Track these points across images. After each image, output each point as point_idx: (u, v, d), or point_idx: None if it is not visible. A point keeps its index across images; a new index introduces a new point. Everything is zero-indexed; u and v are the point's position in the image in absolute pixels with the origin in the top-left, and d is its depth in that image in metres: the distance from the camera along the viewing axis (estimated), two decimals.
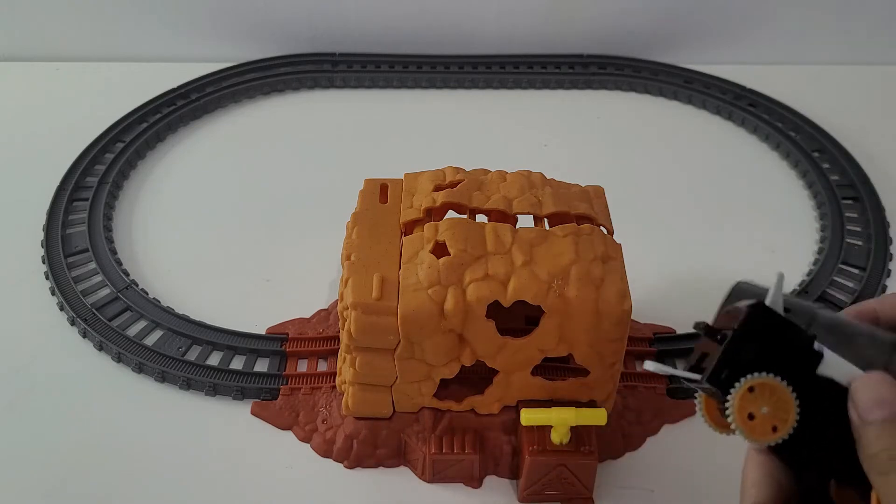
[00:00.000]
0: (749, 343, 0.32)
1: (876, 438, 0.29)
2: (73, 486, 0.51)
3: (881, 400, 0.30)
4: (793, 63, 0.92)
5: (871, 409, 0.30)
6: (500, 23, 0.90)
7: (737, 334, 0.31)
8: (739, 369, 0.31)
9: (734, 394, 0.31)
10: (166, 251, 0.68)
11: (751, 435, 0.31)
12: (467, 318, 0.44)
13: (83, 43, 0.91)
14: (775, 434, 0.31)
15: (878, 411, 0.30)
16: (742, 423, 0.31)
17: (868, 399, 0.30)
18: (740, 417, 0.31)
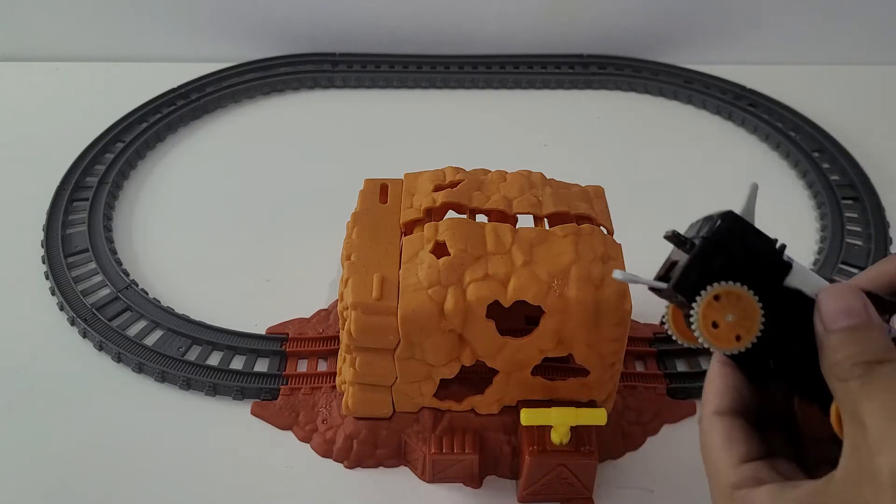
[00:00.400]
0: (718, 251, 0.31)
1: (839, 345, 0.29)
2: (73, 486, 0.51)
3: (847, 308, 0.30)
4: (793, 63, 0.92)
5: (836, 317, 0.30)
6: (500, 23, 0.90)
7: (706, 241, 0.32)
8: (707, 277, 0.31)
9: (699, 301, 0.31)
10: (166, 251, 0.68)
11: (714, 342, 0.31)
12: (467, 318, 0.44)
13: (83, 43, 0.91)
14: (738, 343, 0.31)
15: (844, 319, 0.30)
16: (705, 331, 0.31)
17: (834, 308, 0.30)
18: (704, 325, 0.31)
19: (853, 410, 0.28)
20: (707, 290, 0.31)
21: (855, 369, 0.29)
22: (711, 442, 0.32)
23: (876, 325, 0.30)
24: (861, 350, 0.29)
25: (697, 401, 0.56)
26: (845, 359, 0.29)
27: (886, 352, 0.29)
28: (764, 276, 0.31)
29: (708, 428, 0.32)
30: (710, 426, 0.32)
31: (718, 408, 0.32)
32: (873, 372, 0.28)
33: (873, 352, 0.29)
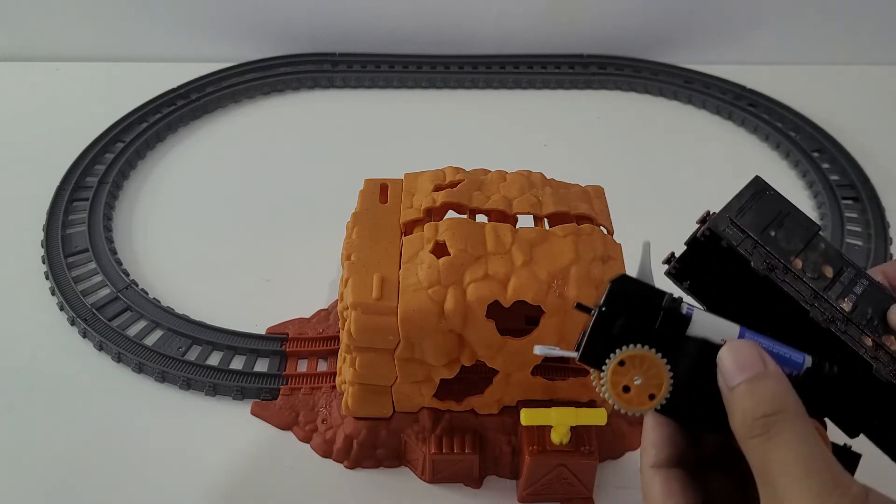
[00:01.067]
0: (613, 317, 0.32)
1: (739, 401, 0.29)
2: (73, 486, 0.51)
3: (743, 364, 0.30)
4: (793, 63, 0.92)
5: (734, 374, 0.30)
6: (500, 23, 0.90)
7: (601, 310, 0.32)
8: (610, 343, 0.32)
9: (605, 370, 0.32)
10: (166, 251, 0.68)
11: (628, 406, 0.32)
12: (467, 318, 0.44)
13: (83, 43, 0.91)
14: (652, 402, 0.32)
15: (739, 374, 0.29)
16: (617, 397, 0.32)
17: (731, 365, 0.30)
18: (615, 392, 0.32)
19: (759, 468, 0.28)
20: (610, 358, 0.32)
21: (755, 426, 0.28)
22: (652, 496, 0.32)
23: (772, 373, 0.29)
24: (756, 404, 0.29)
25: None
26: (743, 415, 0.29)
27: (781, 401, 0.29)
28: (664, 332, 0.32)
29: (648, 481, 0.33)
30: (649, 480, 0.33)
31: (655, 461, 0.33)
32: (772, 427, 0.28)
33: (768, 403, 0.29)
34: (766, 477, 0.28)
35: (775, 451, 0.28)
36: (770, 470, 0.28)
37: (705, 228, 0.32)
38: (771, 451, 0.28)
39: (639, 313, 0.32)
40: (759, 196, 0.34)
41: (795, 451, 0.28)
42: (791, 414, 0.28)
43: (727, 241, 0.32)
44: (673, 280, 0.34)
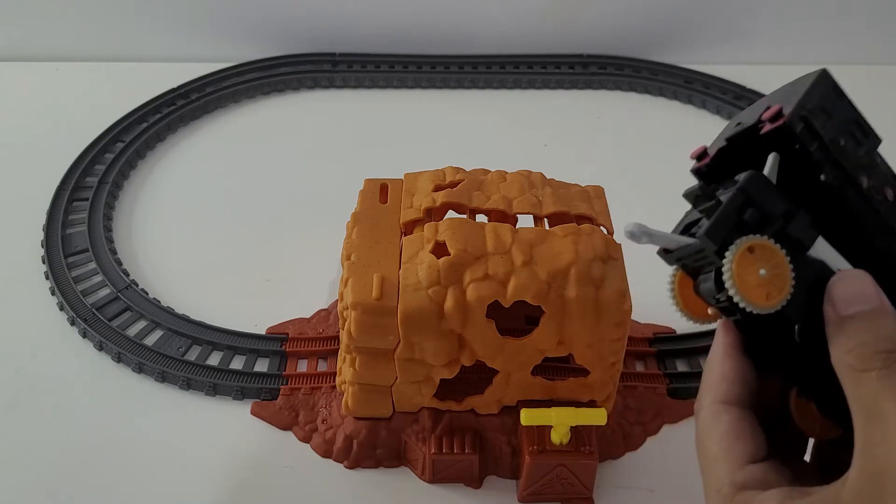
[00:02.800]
0: (749, 203, 0.29)
1: (853, 333, 0.27)
2: (73, 486, 0.51)
3: (860, 293, 0.28)
4: (793, 63, 0.91)
5: (850, 302, 0.28)
6: (500, 23, 0.90)
7: (740, 191, 0.29)
8: (739, 228, 0.29)
9: (735, 250, 0.28)
10: (166, 251, 0.68)
11: (748, 297, 0.28)
12: (467, 319, 0.44)
13: (83, 43, 0.91)
14: (770, 301, 0.28)
15: (857, 304, 0.27)
16: (740, 283, 0.28)
17: (846, 292, 0.28)
18: (739, 277, 0.28)
19: (870, 404, 0.26)
20: (741, 241, 0.28)
21: (874, 359, 0.26)
22: (714, 435, 0.29)
23: (890, 310, 0.27)
24: (878, 338, 0.27)
25: None
26: (860, 347, 0.27)
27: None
28: (791, 238, 0.29)
29: (712, 419, 0.30)
30: (714, 417, 0.29)
31: (726, 396, 0.30)
32: (894, 363, 0.26)
33: (891, 338, 0.26)
34: (878, 413, 0.26)
35: (892, 389, 0.26)
36: (884, 406, 0.26)
37: (782, 124, 0.28)
38: (889, 386, 0.26)
39: (773, 208, 0.29)
40: (828, 95, 0.30)
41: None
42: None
43: (802, 143, 0.28)
44: (699, 178, 0.31)
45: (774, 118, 0.29)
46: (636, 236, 0.30)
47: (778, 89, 0.32)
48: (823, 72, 0.31)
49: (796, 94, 0.30)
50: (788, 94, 0.30)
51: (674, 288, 0.32)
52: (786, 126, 0.28)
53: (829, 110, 0.30)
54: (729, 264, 0.28)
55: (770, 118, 0.29)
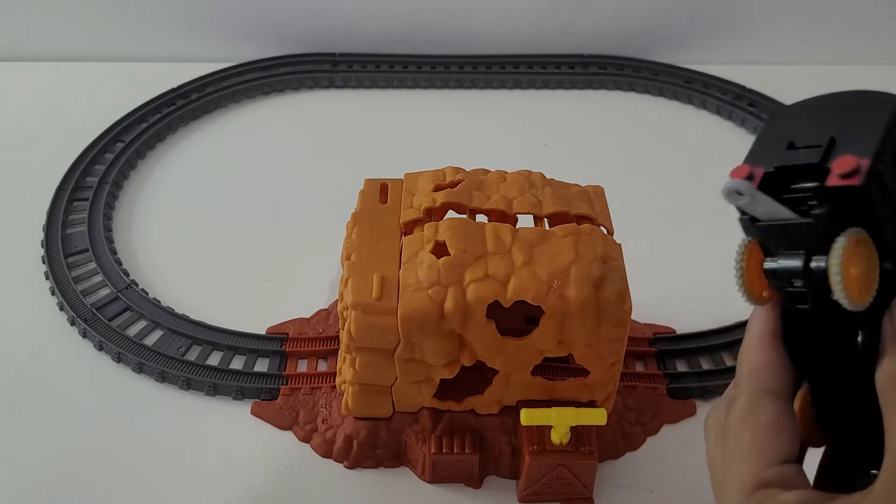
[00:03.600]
0: (868, 199, 0.27)
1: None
2: (73, 486, 0.51)
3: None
4: (793, 63, 0.92)
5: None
6: (500, 23, 0.90)
7: (876, 169, 0.26)
8: (851, 219, 0.27)
9: (845, 241, 0.26)
10: (166, 251, 0.68)
11: (848, 290, 0.26)
12: (467, 319, 0.44)
13: (83, 43, 0.91)
14: (862, 298, 0.27)
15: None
16: (846, 273, 0.26)
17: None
18: (846, 267, 0.26)
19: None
20: (852, 232, 0.27)
21: None
22: (753, 425, 0.28)
23: None
24: None
25: (697, 401, 0.56)
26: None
27: None
28: (881, 244, 0.27)
29: (753, 408, 0.28)
30: (756, 407, 0.28)
31: (770, 385, 0.28)
32: None
33: None
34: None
35: None
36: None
37: (856, 186, 0.26)
38: None
39: (879, 211, 0.27)
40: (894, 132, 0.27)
41: None
42: None
43: (872, 204, 0.27)
44: (744, 224, 0.29)
45: (848, 175, 0.27)
46: (740, 195, 0.28)
47: (823, 99, 0.30)
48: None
49: (864, 132, 0.27)
50: (848, 123, 0.28)
51: (742, 259, 0.29)
52: (860, 189, 0.26)
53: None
54: (839, 252, 0.26)
55: (843, 174, 0.27)
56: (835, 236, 0.27)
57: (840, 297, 0.27)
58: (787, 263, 0.28)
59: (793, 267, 0.28)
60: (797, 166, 0.28)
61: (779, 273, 0.29)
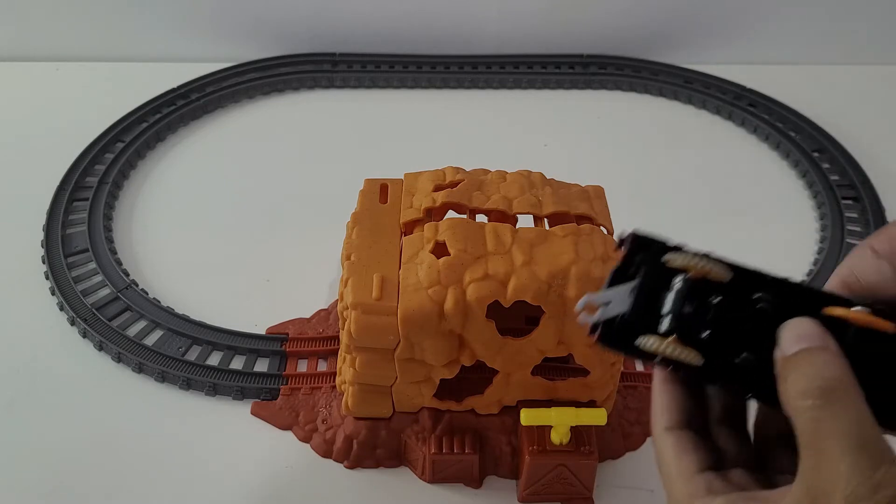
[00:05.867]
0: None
1: (794, 370, 0.29)
2: (73, 486, 0.51)
3: (805, 334, 0.30)
4: (793, 63, 0.92)
5: (792, 342, 0.30)
6: (500, 23, 0.90)
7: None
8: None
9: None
10: (166, 251, 0.68)
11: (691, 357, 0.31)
12: (467, 319, 0.44)
13: (83, 43, 0.91)
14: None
15: (800, 344, 0.30)
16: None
17: (791, 335, 0.30)
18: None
19: (811, 435, 0.28)
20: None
21: (812, 393, 0.28)
22: (664, 457, 0.33)
23: (832, 348, 0.30)
24: (815, 373, 0.29)
25: None
26: (799, 382, 0.29)
27: (840, 373, 0.29)
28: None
29: (660, 444, 0.33)
30: (661, 442, 0.33)
31: (668, 423, 0.33)
32: (829, 396, 0.28)
33: (828, 372, 0.29)
34: (815, 445, 0.28)
35: (830, 421, 0.28)
36: (820, 438, 0.28)
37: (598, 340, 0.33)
38: (825, 420, 0.28)
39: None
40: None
41: (849, 423, 0.28)
42: (849, 386, 0.29)
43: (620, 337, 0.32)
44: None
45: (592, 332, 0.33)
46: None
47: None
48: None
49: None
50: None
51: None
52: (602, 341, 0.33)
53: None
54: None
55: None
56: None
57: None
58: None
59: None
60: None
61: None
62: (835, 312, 0.32)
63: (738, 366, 0.31)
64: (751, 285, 0.32)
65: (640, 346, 0.31)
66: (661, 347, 0.31)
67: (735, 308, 0.32)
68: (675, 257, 0.32)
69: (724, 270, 0.32)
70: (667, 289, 0.32)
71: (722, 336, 0.31)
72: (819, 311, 0.32)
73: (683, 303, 0.32)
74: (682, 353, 0.31)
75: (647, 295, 0.32)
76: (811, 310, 0.32)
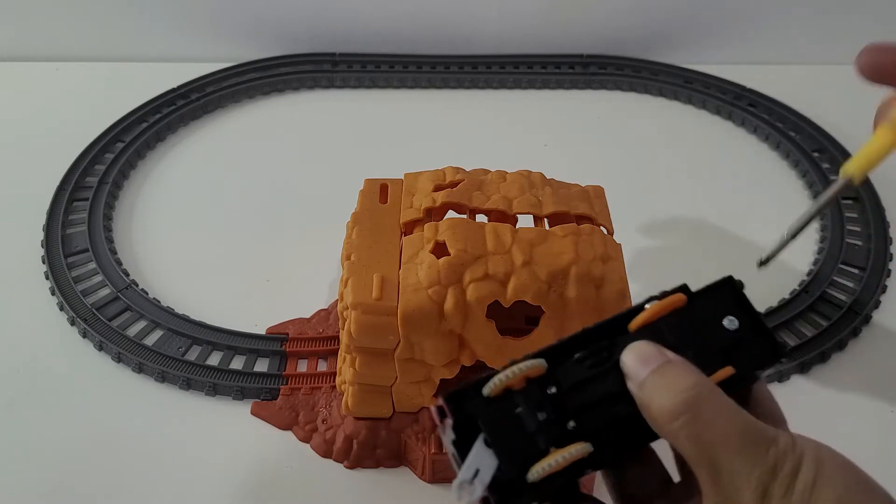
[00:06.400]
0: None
1: (655, 391, 0.29)
2: (72, 486, 0.51)
3: (642, 357, 0.30)
4: (793, 63, 0.92)
5: (638, 369, 0.30)
6: (500, 23, 0.90)
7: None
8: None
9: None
10: (166, 251, 0.68)
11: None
12: (467, 319, 0.44)
13: (83, 43, 0.91)
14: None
15: (644, 368, 0.30)
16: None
17: (631, 361, 0.30)
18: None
19: (695, 450, 0.28)
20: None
21: (678, 408, 0.28)
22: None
23: (675, 359, 0.30)
24: (672, 387, 0.29)
25: None
26: (662, 401, 0.29)
27: (695, 379, 0.29)
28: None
29: None
30: None
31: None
32: (695, 403, 0.28)
33: (683, 384, 0.28)
34: (704, 459, 0.27)
35: (707, 431, 0.28)
36: (706, 450, 0.27)
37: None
38: (701, 431, 0.28)
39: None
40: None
41: (725, 423, 0.27)
42: (705, 385, 0.29)
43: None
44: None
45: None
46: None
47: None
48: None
49: None
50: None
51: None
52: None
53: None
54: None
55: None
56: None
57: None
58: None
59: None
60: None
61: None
62: (637, 322, 0.32)
63: (615, 426, 0.31)
64: (566, 354, 0.31)
65: (535, 479, 0.29)
66: (552, 462, 0.29)
67: (571, 383, 0.31)
68: (491, 386, 0.30)
69: (537, 363, 0.31)
70: (511, 417, 0.30)
71: (585, 413, 0.30)
72: (626, 331, 0.32)
73: (534, 414, 0.30)
74: (572, 452, 0.29)
75: (500, 435, 0.30)
76: (622, 335, 0.31)
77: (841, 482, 0.26)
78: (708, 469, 0.27)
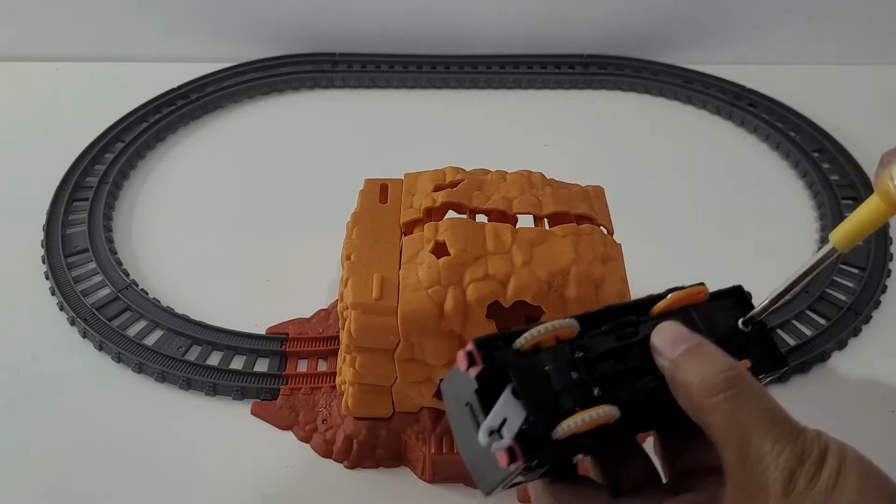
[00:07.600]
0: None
1: (689, 369, 0.30)
2: (72, 486, 0.51)
3: (678, 336, 0.31)
4: (793, 63, 0.92)
5: (672, 346, 0.30)
6: (500, 23, 0.90)
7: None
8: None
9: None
10: (166, 251, 0.68)
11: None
12: (467, 319, 0.44)
13: (83, 43, 0.91)
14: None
15: (679, 345, 0.30)
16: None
17: (663, 340, 0.31)
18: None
19: (728, 427, 0.28)
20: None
21: (717, 386, 0.29)
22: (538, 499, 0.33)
23: (707, 342, 0.30)
24: (710, 366, 0.29)
25: None
26: (702, 378, 0.29)
27: (734, 363, 0.29)
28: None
29: (536, 490, 0.33)
30: (536, 489, 0.33)
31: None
32: (735, 384, 0.29)
33: (722, 364, 0.29)
34: (735, 435, 0.28)
35: (744, 409, 0.28)
36: (740, 427, 0.28)
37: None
38: (739, 408, 0.28)
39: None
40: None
41: (761, 404, 0.28)
42: (744, 370, 0.29)
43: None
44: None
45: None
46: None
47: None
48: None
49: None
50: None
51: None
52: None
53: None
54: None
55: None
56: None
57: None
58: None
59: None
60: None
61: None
62: (660, 307, 0.32)
63: (639, 398, 0.31)
64: (593, 325, 0.31)
65: (561, 436, 0.29)
66: (579, 420, 0.29)
67: (599, 351, 0.31)
68: (524, 340, 0.30)
69: (570, 322, 0.31)
70: (539, 374, 0.30)
71: (610, 381, 0.31)
72: (649, 315, 0.32)
73: (563, 373, 0.30)
74: (600, 413, 0.29)
75: (530, 388, 0.29)
76: (645, 317, 0.32)
77: (862, 478, 0.27)
78: (737, 447, 0.28)
